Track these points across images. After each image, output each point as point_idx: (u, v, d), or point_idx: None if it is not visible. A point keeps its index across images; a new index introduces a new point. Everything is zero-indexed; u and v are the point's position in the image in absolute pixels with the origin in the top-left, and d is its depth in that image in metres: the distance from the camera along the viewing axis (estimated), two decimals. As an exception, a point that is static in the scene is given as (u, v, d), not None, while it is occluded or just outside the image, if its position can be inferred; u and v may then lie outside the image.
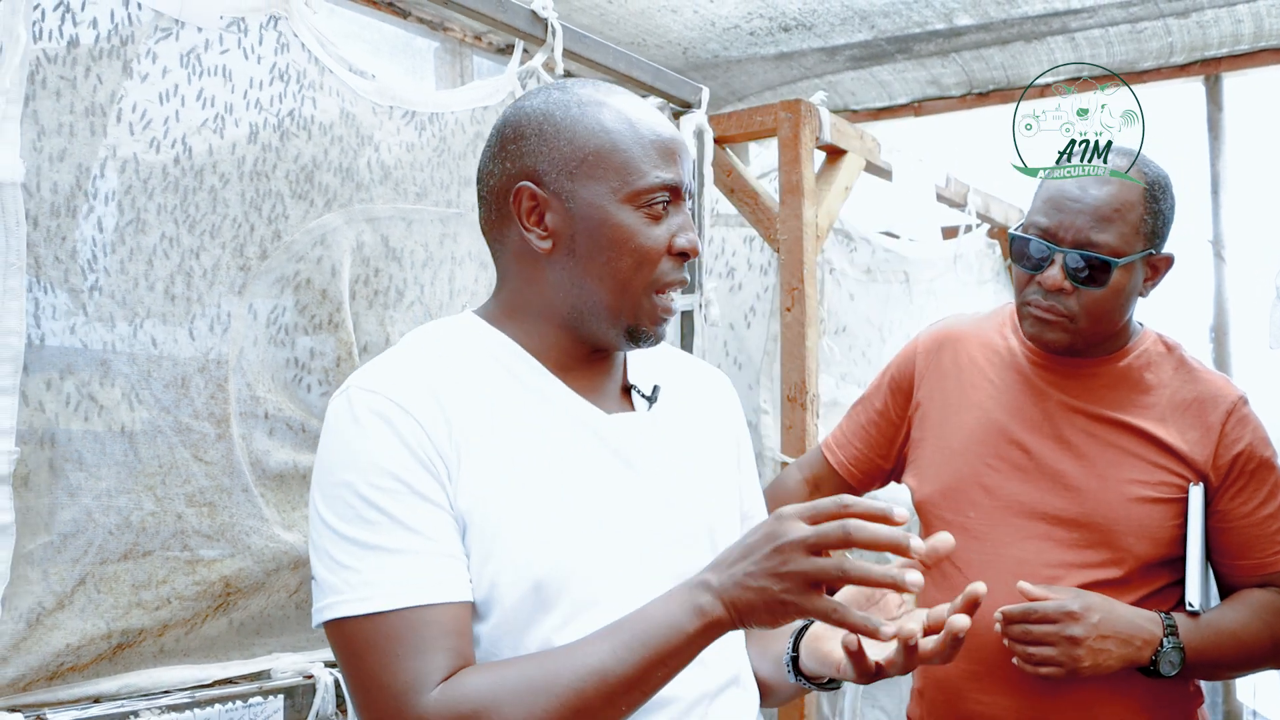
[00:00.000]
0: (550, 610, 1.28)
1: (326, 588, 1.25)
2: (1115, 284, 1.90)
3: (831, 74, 3.81)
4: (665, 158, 1.37)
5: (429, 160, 1.99)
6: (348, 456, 1.26)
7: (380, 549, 1.23)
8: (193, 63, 1.70)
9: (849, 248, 3.02)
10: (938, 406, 2.12)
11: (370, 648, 1.21)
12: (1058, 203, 1.92)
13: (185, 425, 1.69)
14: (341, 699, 1.77)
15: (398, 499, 1.24)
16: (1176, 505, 1.93)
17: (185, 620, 1.68)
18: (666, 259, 1.37)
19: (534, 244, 1.36)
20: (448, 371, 1.33)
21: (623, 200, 1.34)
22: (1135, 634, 1.85)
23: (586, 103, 1.38)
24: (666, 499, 1.41)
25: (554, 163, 1.35)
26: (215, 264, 1.72)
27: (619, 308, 1.36)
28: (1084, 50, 3.61)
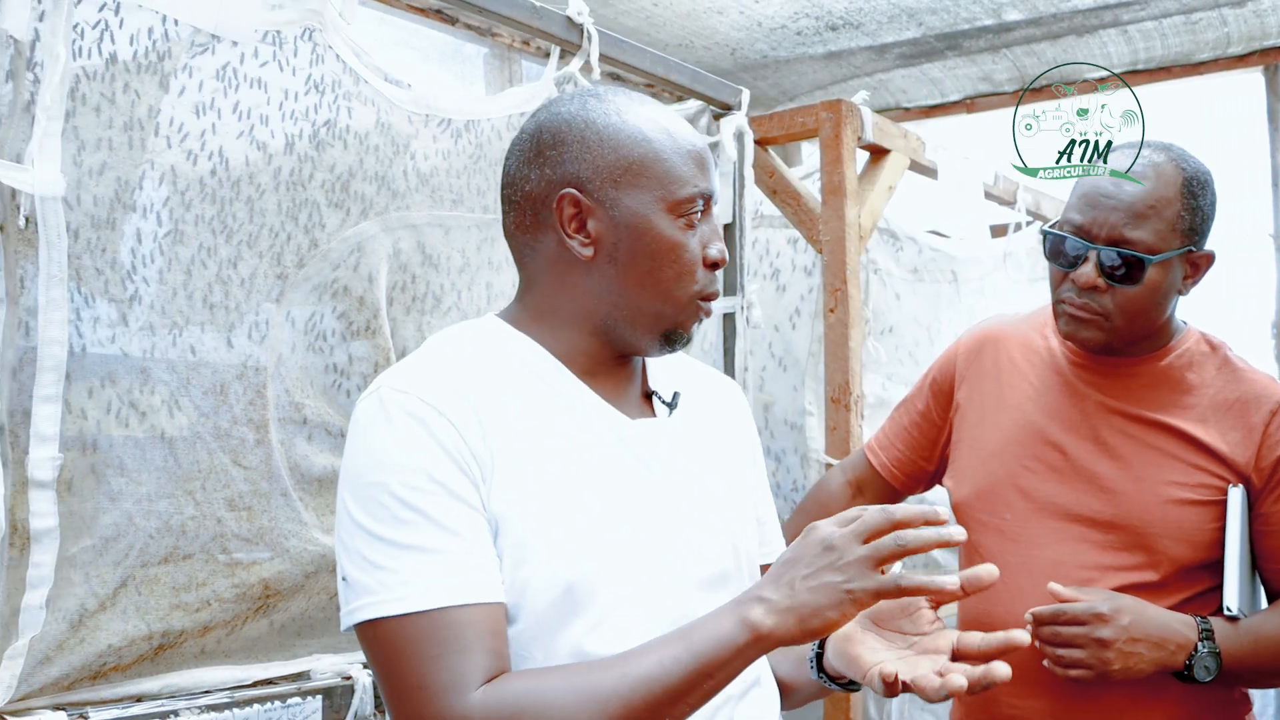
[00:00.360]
0: (580, 614, 1.29)
1: (360, 589, 1.24)
2: (1151, 281, 1.86)
3: (882, 72, 3.79)
4: (701, 168, 1.39)
5: (465, 167, 2.02)
6: (381, 457, 1.26)
7: (417, 549, 1.23)
8: (229, 76, 1.73)
9: (895, 247, 3.01)
10: (977, 408, 2.11)
11: (408, 648, 1.21)
12: (1092, 199, 1.89)
13: (224, 431, 1.72)
14: (380, 700, 1.79)
15: (433, 499, 1.24)
16: (1216, 507, 1.89)
17: (226, 622, 1.71)
18: (702, 269, 1.39)
19: (576, 251, 1.36)
20: (477, 374, 1.34)
21: (665, 209, 1.36)
22: (1168, 638, 1.81)
23: (625, 111, 1.39)
24: (689, 503, 1.42)
25: (597, 170, 1.36)
26: (253, 273, 1.76)
27: (659, 315, 1.38)
28: (1137, 43, 3.56)
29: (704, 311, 1.42)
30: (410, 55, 2.57)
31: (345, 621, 1.28)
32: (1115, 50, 3.62)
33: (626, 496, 1.36)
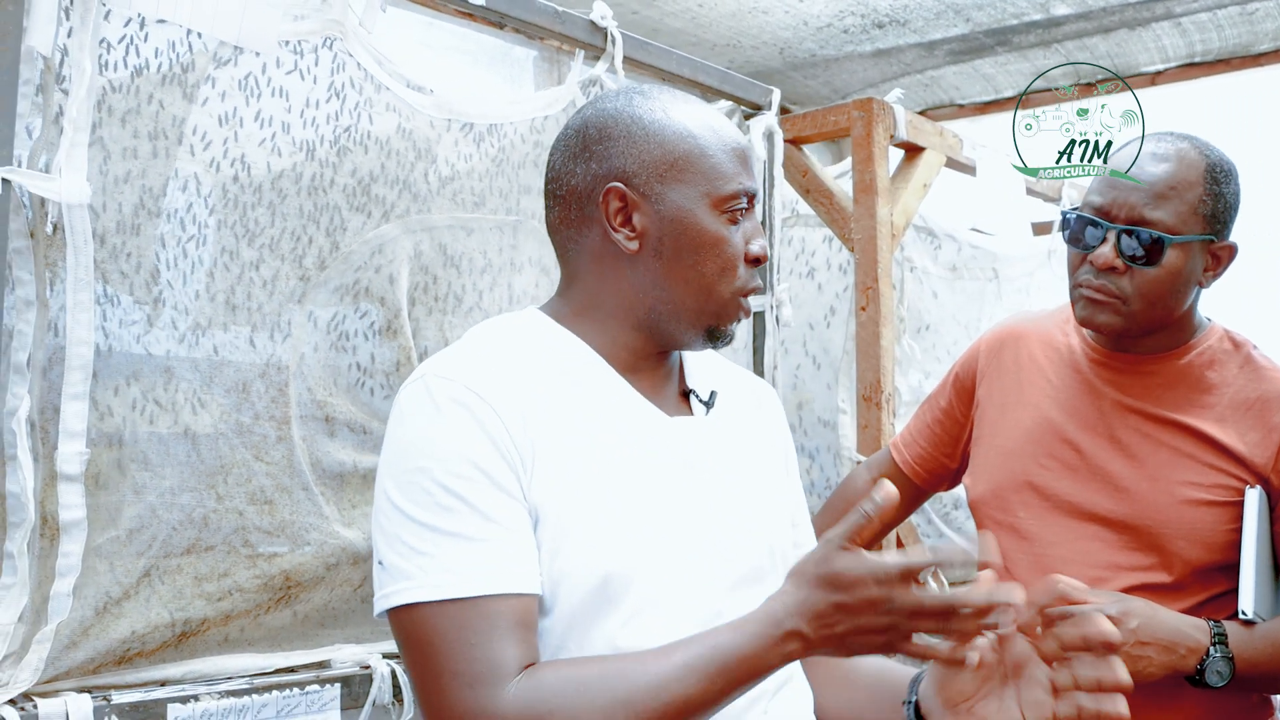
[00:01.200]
0: (616, 607, 1.30)
1: (397, 573, 1.25)
2: (1170, 265, 1.83)
3: (932, 69, 3.77)
4: (744, 165, 1.41)
5: (487, 170, 2.06)
6: (426, 443, 1.27)
7: (458, 536, 1.23)
8: (251, 85, 1.80)
9: (933, 245, 3.00)
10: (996, 405, 2.10)
11: (443, 635, 1.22)
12: (1112, 180, 1.86)
13: (246, 427, 1.79)
14: (398, 689, 1.85)
15: (476, 486, 1.25)
16: (1233, 509, 1.86)
17: (247, 611, 1.78)
18: (744, 265, 1.41)
19: (621, 244, 1.38)
20: (520, 365, 1.35)
21: (709, 205, 1.38)
22: (1179, 641, 1.77)
23: (670, 107, 1.41)
24: (726, 501, 1.43)
25: (644, 164, 1.38)
26: (274, 275, 1.82)
27: (702, 309, 1.40)
28: (1193, 35, 3.50)
29: (744, 309, 1.44)
30: (460, 59, 2.62)
31: (379, 606, 1.28)
32: (1170, 43, 3.56)
33: (664, 492, 1.37)
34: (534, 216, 2.14)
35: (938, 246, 3.01)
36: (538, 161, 2.14)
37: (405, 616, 1.25)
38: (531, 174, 2.13)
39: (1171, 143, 1.87)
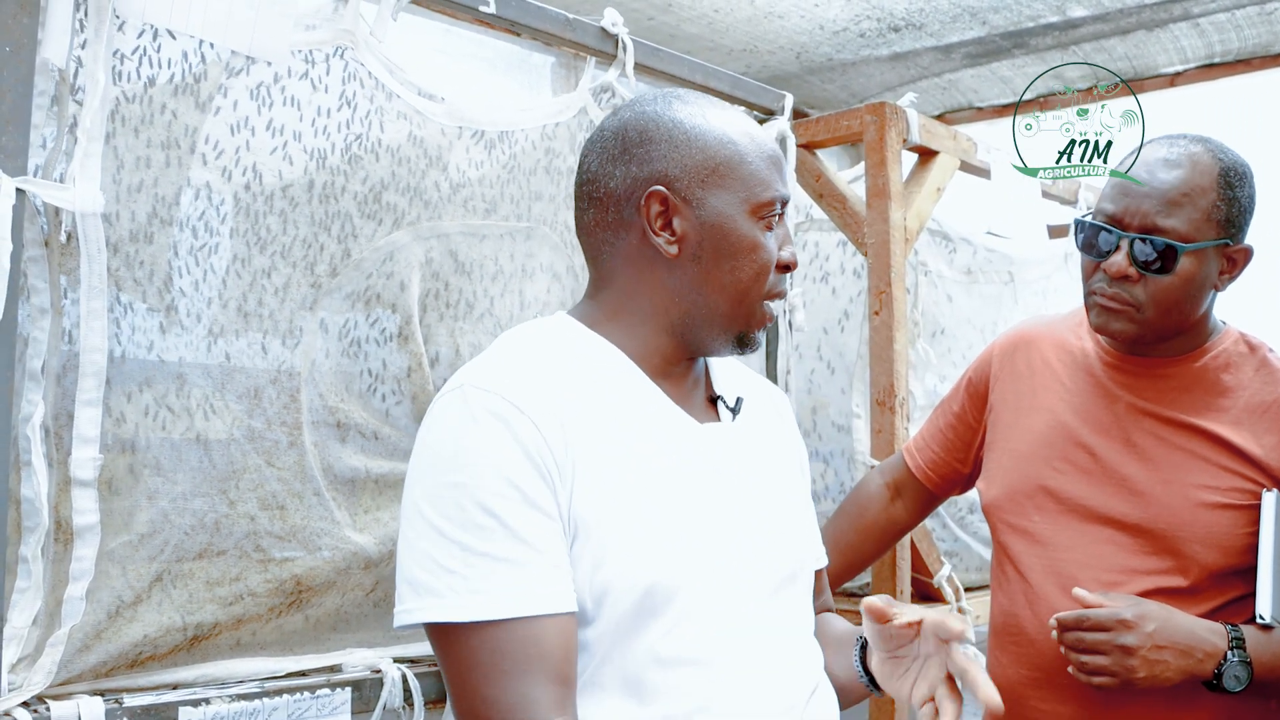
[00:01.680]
0: (658, 617, 1.31)
1: (422, 589, 1.25)
2: (1184, 272, 1.83)
3: (950, 72, 3.77)
4: (779, 172, 1.44)
5: (499, 177, 2.08)
6: (461, 457, 1.27)
7: (489, 556, 1.23)
8: (262, 95, 1.82)
9: (948, 249, 2.99)
10: (1010, 409, 2.10)
11: (475, 658, 1.22)
12: (1125, 187, 1.87)
13: (258, 433, 1.80)
14: (409, 693, 1.86)
15: (511, 505, 1.24)
16: (1249, 512, 1.85)
17: (259, 615, 1.79)
18: (774, 271, 1.43)
19: (661, 248, 1.39)
20: (556, 374, 1.36)
21: (748, 212, 1.39)
22: (1196, 645, 1.77)
23: (709, 113, 1.43)
24: (757, 507, 1.45)
25: (686, 169, 1.39)
26: (286, 282, 1.84)
27: (734, 315, 1.41)
28: (1211, 36, 3.48)
29: (772, 314, 1.46)
30: (478, 65, 2.64)
31: (401, 619, 1.29)
32: (1189, 44, 3.54)
33: (701, 500, 1.38)
34: (545, 223, 2.15)
35: (953, 250, 3.01)
36: (549, 168, 2.15)
37: (437, 634, 1.27)
38: (543, 180, 2.14)
39: (1184, 147, 1.86)
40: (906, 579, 2.57)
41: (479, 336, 2.03)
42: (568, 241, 2.18)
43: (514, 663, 1.21)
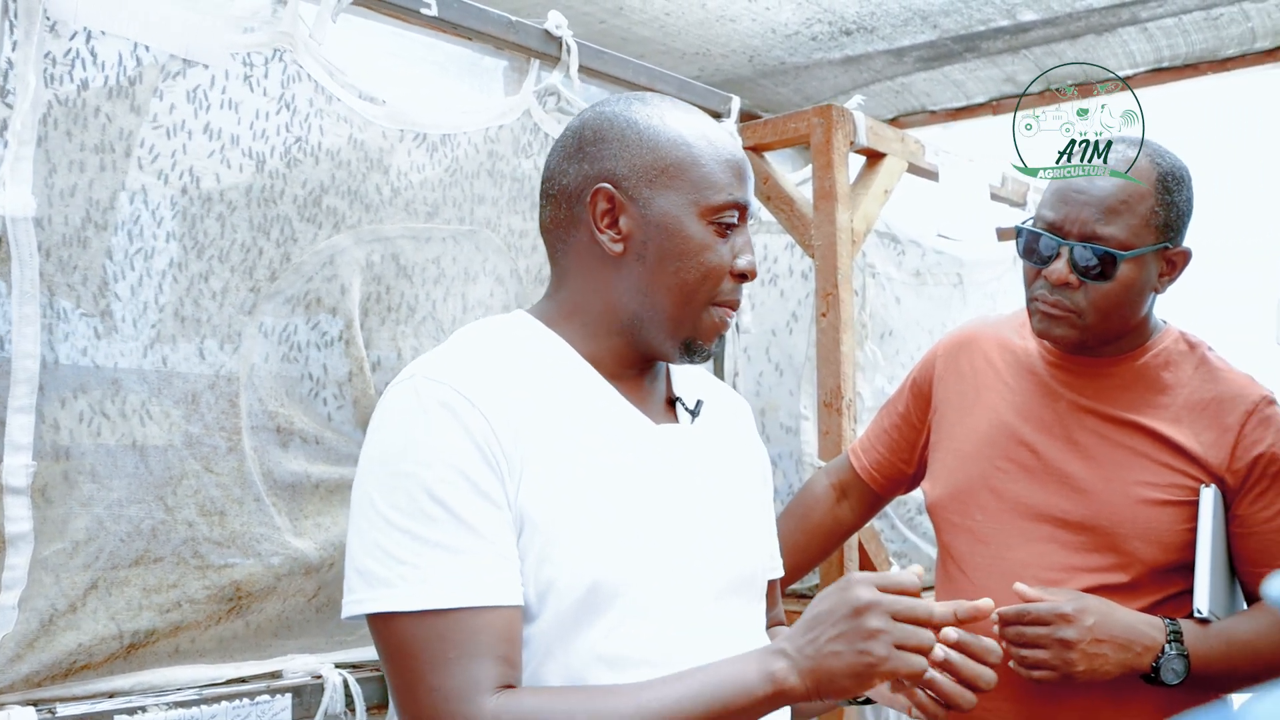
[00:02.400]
0: (602, 615, 1.30)
1: (374, 580, 1.24)
2: (1124, 278, 1.85)
3: (903, 75, 3.78)
4: (738, 178, 1.41)
5: (441, 180, 2.07)
6: (411, 447, 1.26)
7: (440, 545, 1.23)
8: (199, 98, 1.80)
9: (897, 251, 3.00)
10: (954, 409, 2.11)
11: (421, 647, 1.22)
12: (1065, 195, 1.88)
13: (196, 439, 1.79)
14: (350, 699, 1.85)
15: (461, 495, 1.24)
16: (1188, 508, 1.87)
17: (198, 622, 1.78)
18: (728, 278, 1.41)
19: (606, 246, 1.39)
20: (509, 369, 1.35)
21: (696, 214, 1.38)
22: (1135, 639, 1.79)
23: (668, 115, 1.42)
24: (711, 510, 1.44)
25: (634, 168, 1.38)
26: (224, 286, 1.83)
27: (679, 319, 1.39)
28: (1159, 40, 3.51)
29: (722, 322, 1.44)
30: (430, 69, 2.63)
31: (351, 610, 1.27)
32: (1138, 48, 3.57)
33: (651, 500, 1.37)
34: (489, 226, 2.15)
35: (901, 252, 3.02)
36: (493, 171, 2.15)
37: (383, 624, 1.25)
38: (486, 184, 2.14)
39: (1123, 152, 1.87)
40: (856, 580, 2.57)
41: (421, 340, 2.02)
42: (511, 245, 2.18)
43: (460, 650, 1.21)
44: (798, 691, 1.22)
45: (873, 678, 1.21)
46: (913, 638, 1.21)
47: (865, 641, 1.20)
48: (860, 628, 1.20)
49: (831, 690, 1.22)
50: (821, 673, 1.21)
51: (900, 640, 1.20)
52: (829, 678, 1.21)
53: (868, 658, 1.20)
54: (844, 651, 1.20)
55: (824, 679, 1.22)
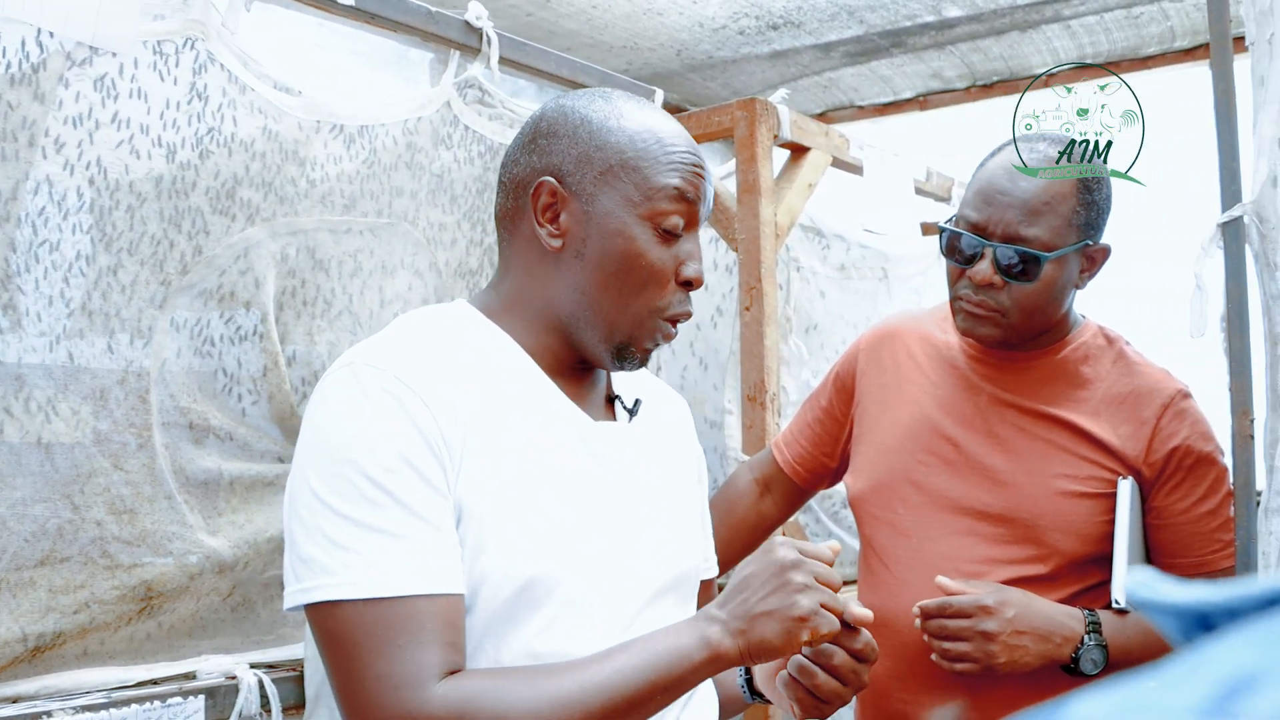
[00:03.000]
0: (536, 611, 1.29)
1: (317, 568, 1.21)
2: (1047, 278, 1.86)
3: (830, 70, 3.79)
4: (689, 182, 1.36)
5: (358, 172, 2.04)
6: (353, 434, 1.23)
7: (383, 532, 1.20)
8: (108, 86, 1.76)
9: (821, 245, 3.01)
10: (876, 403, 2.12)
11: (367, 635, 1.19)
12: (987, 195, 1.88)
13: (104, 435, 1.75)
14: (266, 699, 1.82)
15: (404, 481, 1.22)
16: (1106, 500, 1.89)
17: (107, 623, 1.74)
18: (673, 287, 1.37)
19: (544, 240, 1.36)
20: (450, 358, 1.33)
21: (641, 215, 1.34)
22: (1054, 630, 1.80)
23: (626, 114, 1.38)
24: (647, 509, 1.43)
25: (580, 164, 1.35)
26: (134, 280, 1.79)
27: (615, 323, 1.36)
28: (1082, 38, 3.55)
29: (665, 334, 1.40)
30: (354, 60, 2.60)
31: (295, 600, 1.24)
32: (1061, 45, 3.61)
33: (588, 497, 1.36)
34: (407, 219, 2.12)
35: (826, 246, 3.03)
36: (411, 164, 2.12)
37: (325, 613, 1.22)
38: (404, 176, 2.11)
39: (1045, 151, 1.88)
40: (781, 574, 2.57)
41: (338, 334, 1.99)
42: (431, 238, 2.16)
43: (407, 637, 1.19)
44: (733, 654, 1.24)
45: (799, 635, 1.23)
46: (832, 600, 1.26)
47: (793, 595, 1.23)
48: (788, 584, 1.24)
49: (763, 650, 1.24)
50: (754, 633, 1.24)
51: (824, 600, 1.25)
52: (760, 638, 1.23)
53: (796, 611, 1.23)
54: (774, 610, 1.23)
55: (756, 640, 1.24)
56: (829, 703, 1.40)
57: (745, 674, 1.56)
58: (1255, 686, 0.31)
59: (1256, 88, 1.84)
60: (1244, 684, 0.31)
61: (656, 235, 1.35)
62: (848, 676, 1.37)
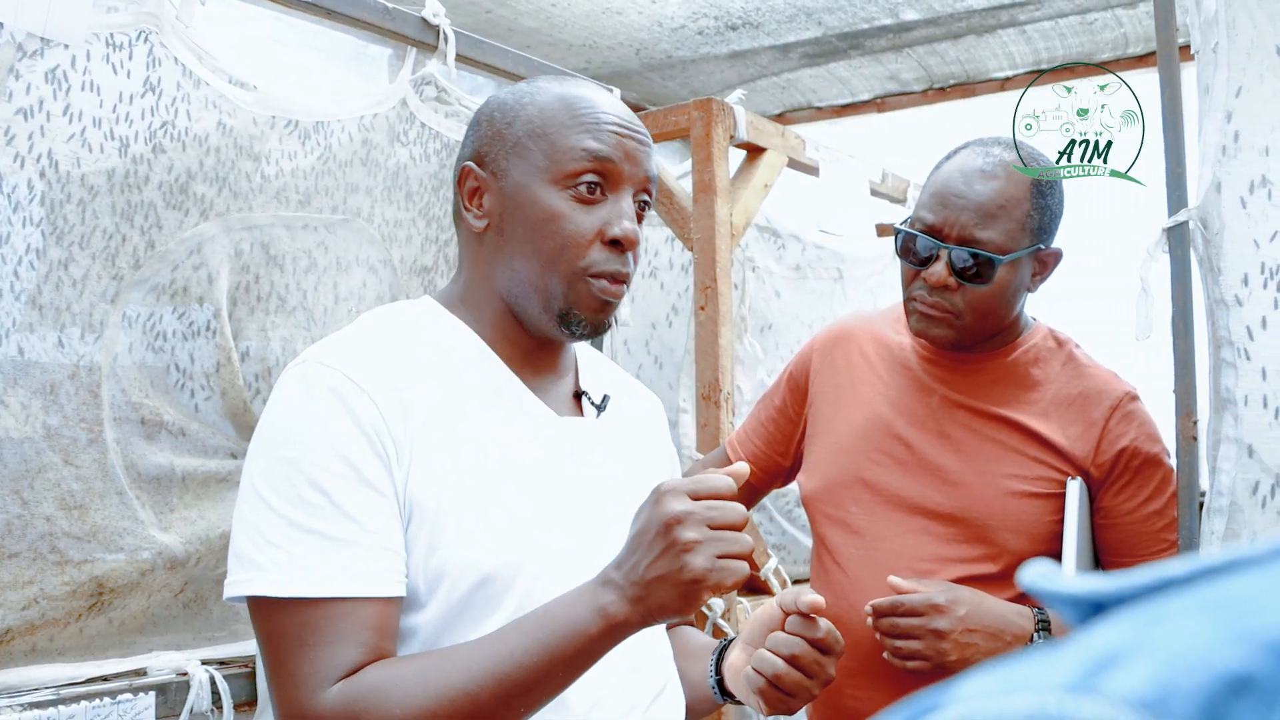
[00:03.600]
0: (495, 607, 1.27)
1: (247, 562, 1.22)
2: (1000, 281, 1.88)
3: (789, 72, 3.81)
4: (601, 143, 1.34)
5: (313, 168, 2.04)
6: (298, 432, 1.24)
7: (316, 533, 1.20)
8: (59, 79, 1.75)
9: (777, 245, 3.03)
10: (829, 403, 2.13)
11: (285, 633, 1.20)
12: (943, 198, 1.90)
13: (54, 430, 1.74)
14: (217, 696, 1.81)
15: (343, 483, 1.21)
16: (1055, 500, 1.91)
17: (57, 619, 1.73)
18: (599, 246, 1.35)
19: (471, 223, 1.38)
20: (407, 355, 1.33)
21: (549, 180, 1.34)
22: (1005, 628, 1.82)
23: (540, 91, 1.39)
24: (610, 504, 1.42)
25: (494, 144, 1.38)
26: (85, 274, 1.78)
27: (546, 290, 1.35)
28: (1037, 43, 3.59)
29: (601, 292, 1.36)
30: (314, 55, 2.59)
31: (227, 591, 1.25)
32: (1017, 50, 3.65)
33: (548, 492, 1.35)
34: (362, 215, 2.11)
35: (781, 247, 3.04)
36: (367, 160, 2.12)
37: (255, 608, 1.23)
38: (359, 172, 2.11)
39: (999, 155, 1.90)
40: (734, 572, 2.59)
41: (292, 330, 1.99)
42: (386, 234, 2.15)
43: (319, 638, 1.19)
44: (632, 621, 1.19)
45: (698, 596, 1.16)
46: (732, 545, 1.16)
47: (682, 557, 1.15)
48: (675, 543, 1.15)
49: (664, 614, 1.18)
50: (651, 599, 1.17)
51: (720, 550, 1.15)
52: (658, 603, 1.17)
53: (688, 574, 1.14)
54: (666, 573, 1.16)
55: (653, 605, 1.17)
56: (794, 695, 1.37)
57: (715, 675, 1.52)
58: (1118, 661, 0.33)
59: (1202, 95, 1.87)
60: (1109, 660, 0.33)
61: (573, 198, 1.34)
62: (810, 668, 1.36)
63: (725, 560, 1.16)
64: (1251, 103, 1.83)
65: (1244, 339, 1.83)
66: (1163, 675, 0.32)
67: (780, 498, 2.90)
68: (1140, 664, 0.33)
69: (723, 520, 1.17)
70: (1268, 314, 1.82)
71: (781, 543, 2.94)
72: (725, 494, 1.19)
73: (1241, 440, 1.84)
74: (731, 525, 1.17)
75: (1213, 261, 1.85)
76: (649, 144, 1.41)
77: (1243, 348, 1.84)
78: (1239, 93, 1.84)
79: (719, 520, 1.16)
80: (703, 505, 1.17)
